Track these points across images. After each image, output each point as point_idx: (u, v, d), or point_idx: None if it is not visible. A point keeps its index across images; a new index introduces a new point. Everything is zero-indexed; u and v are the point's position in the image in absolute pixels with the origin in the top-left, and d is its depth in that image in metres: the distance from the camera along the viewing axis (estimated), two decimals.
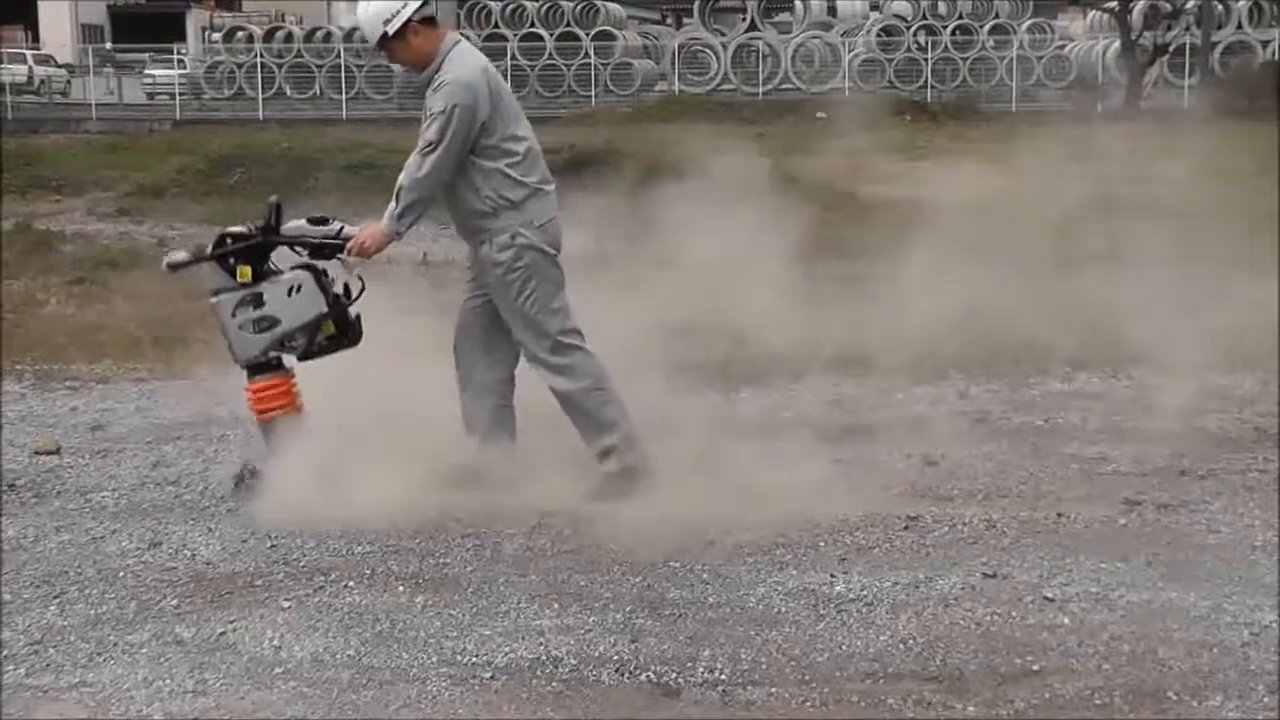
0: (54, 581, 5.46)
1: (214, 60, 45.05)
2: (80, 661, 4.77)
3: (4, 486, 6.62)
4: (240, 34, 46.21)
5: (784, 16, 46.19)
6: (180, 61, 47.02)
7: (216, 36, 49.97)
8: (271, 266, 6.26)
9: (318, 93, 42.01)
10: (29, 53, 52.95)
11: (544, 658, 4.78)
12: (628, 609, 5.17)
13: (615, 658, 4.78)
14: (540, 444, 6.74)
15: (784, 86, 40.65)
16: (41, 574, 5.53)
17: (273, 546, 5.74)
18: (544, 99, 39.61)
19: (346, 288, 6.31)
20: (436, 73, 6.24)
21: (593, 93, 39.95)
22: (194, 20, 65.26)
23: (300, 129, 28.50)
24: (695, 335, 8.64)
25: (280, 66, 42.50)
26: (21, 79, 47.22)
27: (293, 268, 6.25)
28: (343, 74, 40.69)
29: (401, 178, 6.23)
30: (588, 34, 41.49)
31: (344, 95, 39.97)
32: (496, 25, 41.85)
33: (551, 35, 41.47)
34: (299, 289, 6.19)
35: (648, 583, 5.41)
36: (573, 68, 40.83)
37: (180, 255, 6.40)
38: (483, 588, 5.36)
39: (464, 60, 6.26)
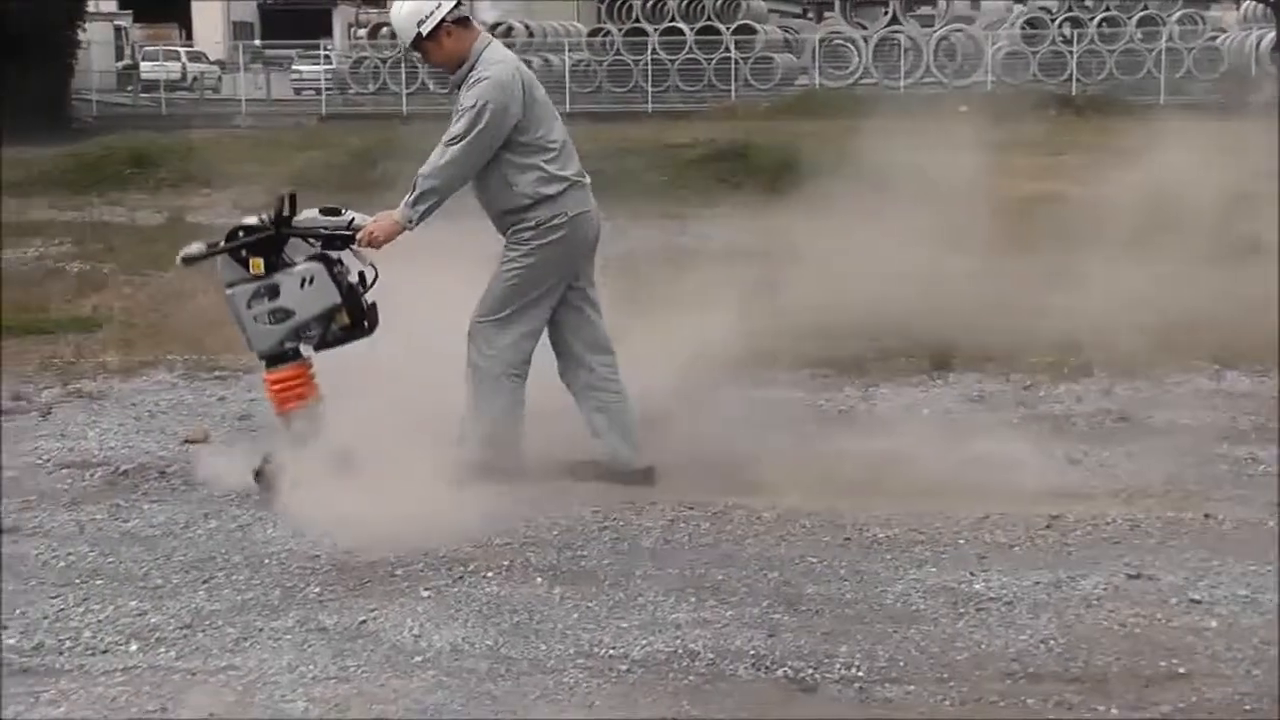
0: (203, 567, 5.57)
1: (359, 56, 45.59)
2: (227, 646, 4.87)
3: (153, 475, 6.79)
4: (385, 30, 46.59)
5: (926, 10, 45.72)
6: (326, 57, 47.79)
7: (361, 32, 50.63)
8: (286, 259, 6.33)
9: None
10: (182, 50, 54.20)
11: (680, 651, 4.78)
12: (765, 604, 5.15)
13: (752, 652, 4.77)
14: (676, 438, 6.77)
15: (926, 80, 40.24)
16: (191, 559, 5.65)
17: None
18: (684, 93, 39.59)
19: (363, 277, 6.39)
20: (470, 72, 6.29)
21: (733, 87, 39.83)
22: (340, 17, 66.22)
23: (443, 124, 28.80)
24: (837, 332, 8.60)
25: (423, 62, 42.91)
26: (175, 76, 48.36)
27: (306, 259, 6.34)
28: None
29: (422, 168, 6.29)
30: (728, 28, 41.38)
31: None
32: (637, 20, 41.91)
33: (692, 29, 41.40)
34: (311, 280, 6.27)
35: (785, 578, 5.39)
36: (713, 62, 40.73)
37: (195, 248, 6.51)
38: (620, 580, 5.38)
39: (497, 60, 6.31)
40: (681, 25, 41.40)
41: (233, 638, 4.93)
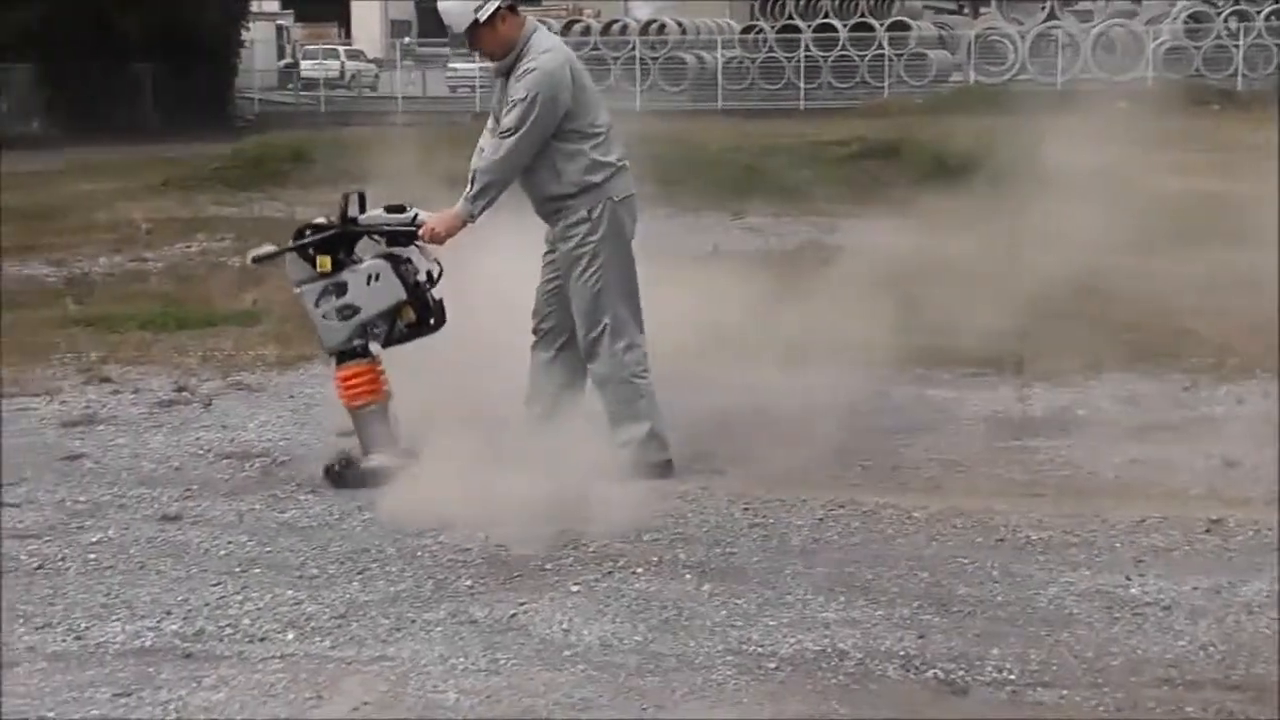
0: (357, 558, 5.66)
1: None
2: (381, 636, 4.94)
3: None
4: None
5: (1084, 4, 44.91)
6: None
7: None
8: (356, 257, 6.42)
9: (612, 84, 42.43)
10: (341, 48, 55.19)
11: (829, 650, 4.76)
12: (915, 604, 5.11)
13: (901, 653, 4.73)
14: (830, 436, 6.73)
15: (1084, 76, 39.51)
16: (346, 551, 5.74)
17: (562, 531, 5.83)
18: (836, 90, 39.37)
19: (429, 274, 6.45)
20: (518, 60, 6.32)
21: (886, 83, 39.52)
22: None
23: None
24: (992, 331, 8.49)
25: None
26: (334, 74, 49.28)
27: (373, 257, 6.43)
28: (637, 65, 41.09)
29: (476, 161, 6.36)
30: (882, 24, 41.07)
31: (638, 87, 40.36)
32: (790, 17, 41.75)
33: (845, 26, 41.15)
34: (377, 277, 6.38)
35: (936, 579, 5.34)
36: (866, 58, 40.44)
37: (266, 249, 6.67)
38: (769, 578, 5.36)
39: (546, 48, 6.34)
40: (835, 22, 41.15)
41: (386, 628, 5.00)
